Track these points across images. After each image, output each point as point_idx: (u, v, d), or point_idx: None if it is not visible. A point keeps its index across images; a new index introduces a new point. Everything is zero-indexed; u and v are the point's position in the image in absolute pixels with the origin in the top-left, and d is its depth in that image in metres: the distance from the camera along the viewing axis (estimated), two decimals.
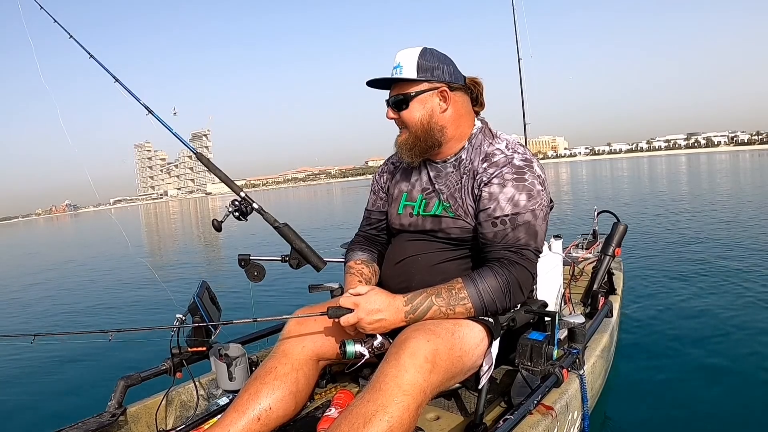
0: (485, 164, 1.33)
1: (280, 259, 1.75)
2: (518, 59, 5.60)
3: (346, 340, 1.26)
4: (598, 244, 3.06)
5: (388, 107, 1.40)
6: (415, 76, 1.32)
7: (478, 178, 1.33)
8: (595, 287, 2.23)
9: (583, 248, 3.18)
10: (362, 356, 1.25)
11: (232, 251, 9.86)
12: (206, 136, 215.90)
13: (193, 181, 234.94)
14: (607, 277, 2.38)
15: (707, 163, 40.04)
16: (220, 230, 1.53)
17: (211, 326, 1.58)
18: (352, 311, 1.21)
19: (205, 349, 1.60)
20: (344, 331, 1.28)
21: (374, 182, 1.63)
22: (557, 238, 2.42)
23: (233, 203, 1.53)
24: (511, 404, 1.44)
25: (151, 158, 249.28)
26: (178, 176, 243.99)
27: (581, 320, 1.60)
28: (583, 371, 1.51)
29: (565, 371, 1.38)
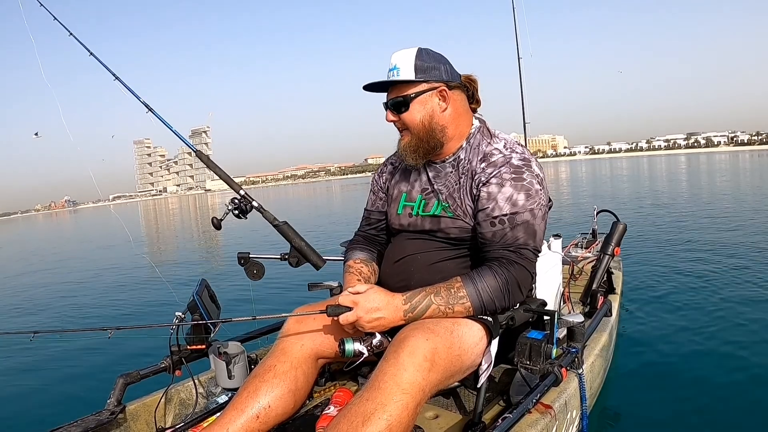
0: (483, 164, 1.33)
1: (279, 257, 1.75)
2: (518, 58, 5.60)
3: (345, 338, 1.27)
4: (597, 243, 3.06)
5: (386, 110, 1.38)
6: (413, 77, 1.30)
7: (476, 178, 1.33)
8: (594, 286, 2.24)
9: (582, 247, 3.18)
10: (361, 354, 1.26)
11: (231, 249, 9.86)
12: (206, 132, 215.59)
13: (192, 177, 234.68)
14: (606, 276, 2.38)
15: (707, 163, 40.03)
16: (219, 228, 1.52)
17: (210, 324, 1.58)
18: (351, 310, 1.21)
19: (204, 347, 1.59)
20: (343, 329, 1.28)
21: (373, 182, 1.62)
22: (556, 237, 2.42)
23: (233, 201, 1.53)
24: (509, 403, 1.45)
25: (150, 155, 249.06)
26: (177, 173, 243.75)
27: (580, 319, 1.61)
28: (582, 370, 1.52)
29: (564, 370, 1.38)
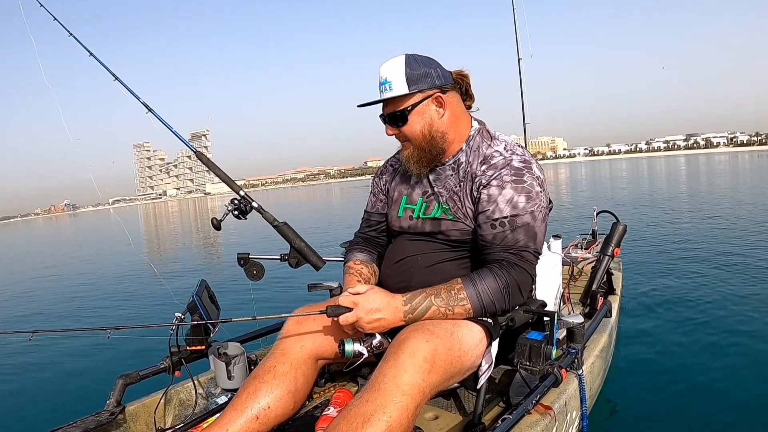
0: (484, 166, 1.33)
1: (279, 258, 1.75)
2: (518, 59, 5.60)
3: (344, 339, 1.26)
4: (597, 244, 3.06)
5: (385, 124, 1.37)
6: (407, 89, 1.27)
7: (477, 180, 1.32)
8: (594, 287, 2.23)
9: (582, 248, 3.18)
10: (361, 355, 1.26)
11: (231, 250, 9.86)
12: (205, 136, 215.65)
13: (192, 181, 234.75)
14: (606, 277, 2.38)
15: (706, 163, 40.07)
16: (219, 229, 1.52)
17: (210, 324, 1.58)
18: (351, 310, 1.21)
19: (204, 347, 1.59)
20: (343, 330, 1.28)
21: (374, 184, 1.62)
22: (556, 237, 2.42)
23: (233, 202, 1.53)
24: (509, 404, 1.45)
25: (150, 158, 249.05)
26: (177, 176, 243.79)
27: (580, 320, 1.61)
28: (581, 371, 1.51)
29: (563, 371, 1.38)
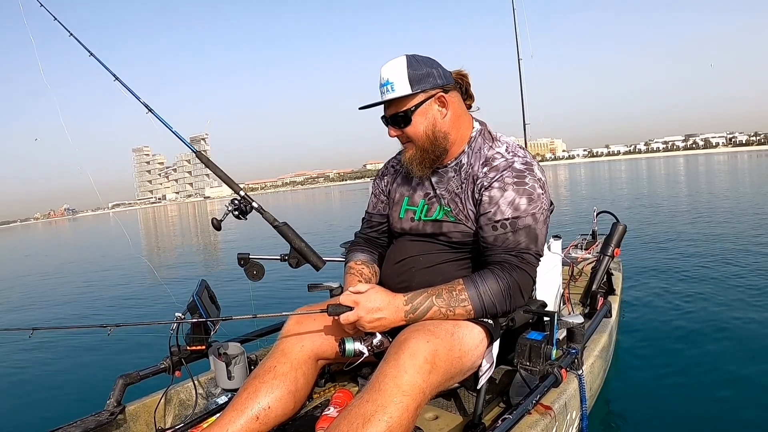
0: (485, 168, 1.32)
1: (279, 258, 1.75)
2: (518, 59, 5.60)
3: (345, 338, 1.26)
4: (597, 244, 3.06)
5: (387, 126, 1.36)
6: (409, 90, 1.27)
7: (478, 182, 1.32)
8: (594, 287, 2.24)
9: (582, 248, 3.18)
10: (361, 354, 1.25)
11: (231, 250, 9.86)
12: (204, 140, 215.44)
13: (191, 185, 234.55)
14: (606, 277, 2.38)
15: (705, 164, 40.10)
16: (219, 229, 1.53)
17: (210, 324, 1.58)
18: (352, 309, 1.21)
19: (204, 347, 1.59)
20: (344, 330, 1.28)
21: (375, 185, 1.61)
22: (556, 238, 2.42)
23: (233, 202, 1.53)
24: (509, 404, 1.45)
25: (149, 162, 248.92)
26: (176, 180, 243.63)
27: (580, 320, 1.60)
28: (581, 371, 1.51)
29: (563, 371, 1.38)
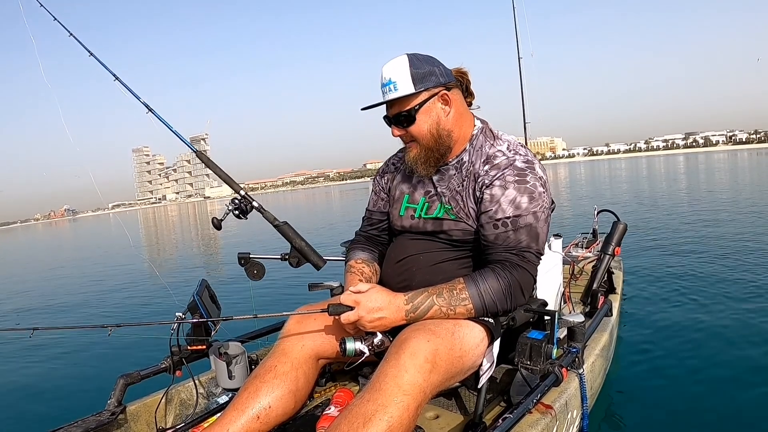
0: (487, 166, 1.32)
1: (279, 257, 1.74)
2: (518, 58, 5.58)
3: (346, 337, 1.26)
4: (597, 243, 3.06)
5: (391, 126, 1.35)
6: (413, 88, 1.26)
7: (479, 180, 1.32)
8: (594, 286, 2.24)
9: (582, 247, 3.18)
10: (362, 354, 1.25)
11: (231, 250, 9.86)
12: (204, 140, 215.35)
13: (191, 185, 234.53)
14: (606, 276, 2.38)
15: (705, 162, 40.05)
16: (220, 228, 1.53)
17: (210, 324, 1.58)
18: (352, 309, 1.21)
19: (204, 347, 1.59)
20: (344, 329, 1.29)
21: (375, 183, 1.61)
22: (557, 237, 2.42)
23: (233, 201, 1.53)
24: (510, 403, 1.45)
25: (149, 162, 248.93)
26: (176, 180, 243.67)
27: (581, 319, 1.60)
28: (582, 370, 1.51)
29: (564, 370, 1.38)
